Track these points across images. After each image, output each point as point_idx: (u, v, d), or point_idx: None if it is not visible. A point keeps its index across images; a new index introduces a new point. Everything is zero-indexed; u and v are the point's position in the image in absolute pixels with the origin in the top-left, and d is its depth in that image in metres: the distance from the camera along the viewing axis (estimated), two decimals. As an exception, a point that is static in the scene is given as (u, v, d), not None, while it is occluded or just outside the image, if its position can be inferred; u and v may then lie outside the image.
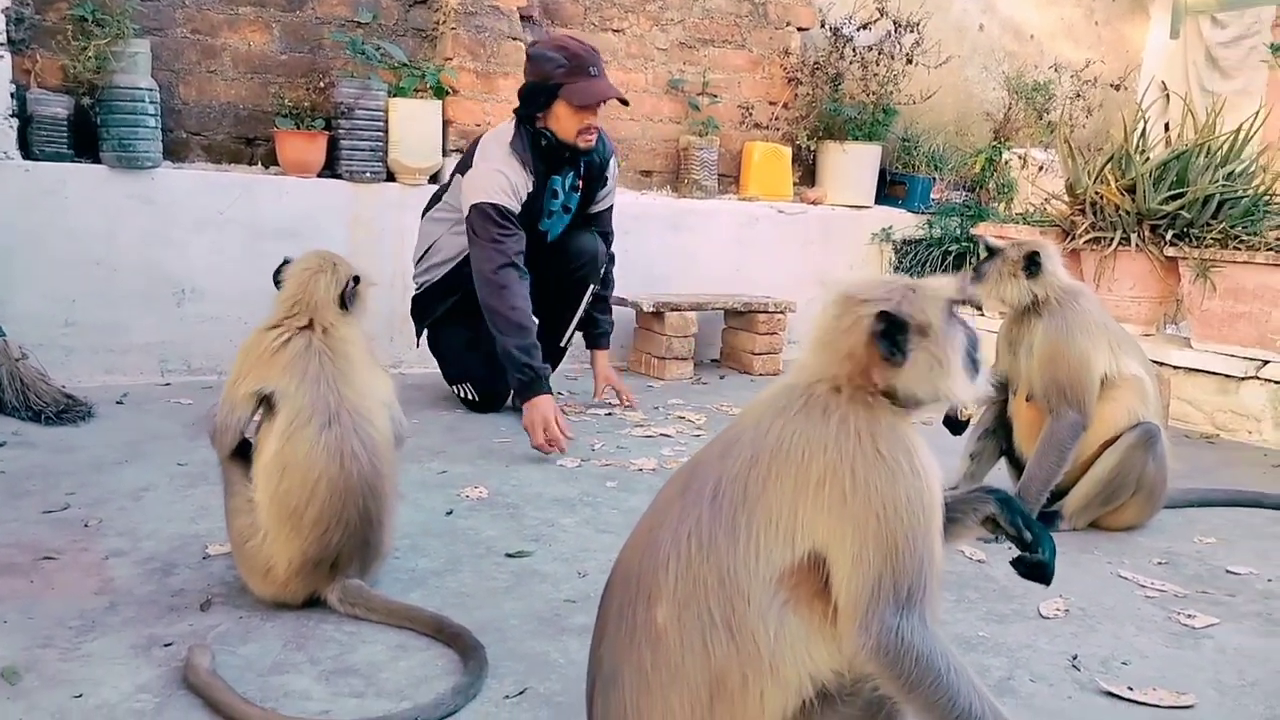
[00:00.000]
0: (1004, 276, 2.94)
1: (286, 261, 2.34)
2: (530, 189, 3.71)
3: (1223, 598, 2.52)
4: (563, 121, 3.66)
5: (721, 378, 5.06)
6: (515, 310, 3.57)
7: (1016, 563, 1.56)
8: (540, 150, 3.71)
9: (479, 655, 1.95)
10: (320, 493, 2.08)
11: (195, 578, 2.32)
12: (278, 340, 2.16)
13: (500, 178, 3.63)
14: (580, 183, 3.91)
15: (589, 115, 3.66)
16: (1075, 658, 2.14)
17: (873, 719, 1.35)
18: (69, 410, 3.56)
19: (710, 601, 1.29)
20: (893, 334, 1.35)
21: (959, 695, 1.29)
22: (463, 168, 3.81)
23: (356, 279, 2.30)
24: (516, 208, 3.66)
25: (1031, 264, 2.89)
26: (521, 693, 1.88)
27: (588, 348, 4.18)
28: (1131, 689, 1.99)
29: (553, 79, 3.61)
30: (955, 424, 3.09)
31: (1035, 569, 1.54)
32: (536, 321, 3.67)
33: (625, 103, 3.83)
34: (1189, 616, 2.37)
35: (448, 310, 3.94)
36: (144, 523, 2.64)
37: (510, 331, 3.55)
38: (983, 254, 3.06)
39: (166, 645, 1.99)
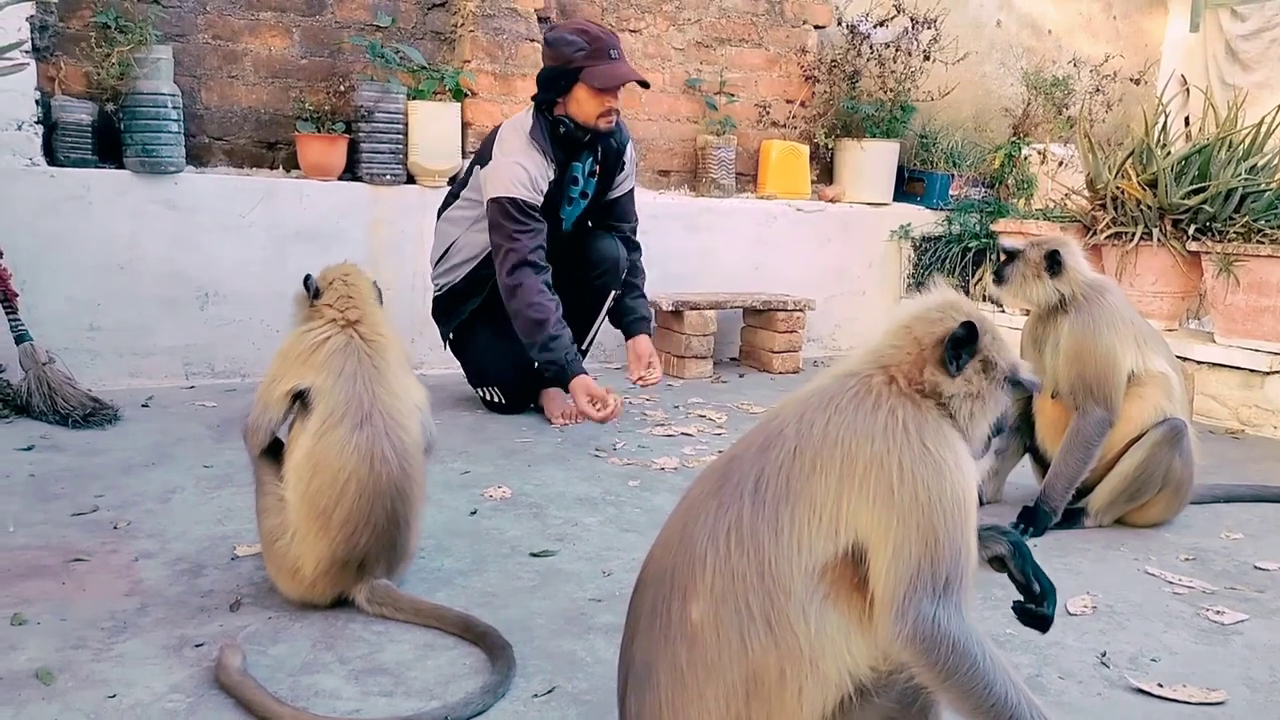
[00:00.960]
0: (1028, 278, 2.92)
1: (310, 277, 2.33)
2: (552, 177, 3.70)
3: (1251, 594, 2.51)
4: (583, 105, 3.64)
5: (741, 376, 5.06)
6: (532, 307, 3.58)
7: (1018, 609, 1.57)
8: (559, 138, 3.69)
9: (506, 654, 1.96)
10: (349, 493, 2.09)
11: (224, 579, 2.34)
12: (318, 337, 2.19)
13: (519, 170, 3.62)
14: (598, 168, 3.88)
15: (610, 98, 3.65)
16: (1104, 655, 2.13)
17: (906, 712, 1.35)
18: (95, 414, 3.60)
19: (749, 596, 1.29)
20: (962, 347, 1.42)
21: (994, 684, 1.30)
22: (481, 159, 3.79)
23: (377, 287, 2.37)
24: (538, 200, 3.65)
25: (1054, 263, 2.88)
26: (550, 691, 1.88)
27: (627, 338, 4.02)
28: (1161, 685, 1.98)
29: (573, 63, 3.60)
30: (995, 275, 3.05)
31: (1036, 619, 1.56)
32: (557, 301, 3.64)
33: (645, 85, 3.83)
34: (1218, 613, 2.36)
35: (472, 312, 3.93)
36: (172, 524, 2.66)
37: (529, 331, 3.59)
38: (1001, 257, 3.04)
39: (198, 646, 2.01)
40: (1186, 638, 2.24)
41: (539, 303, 3.60)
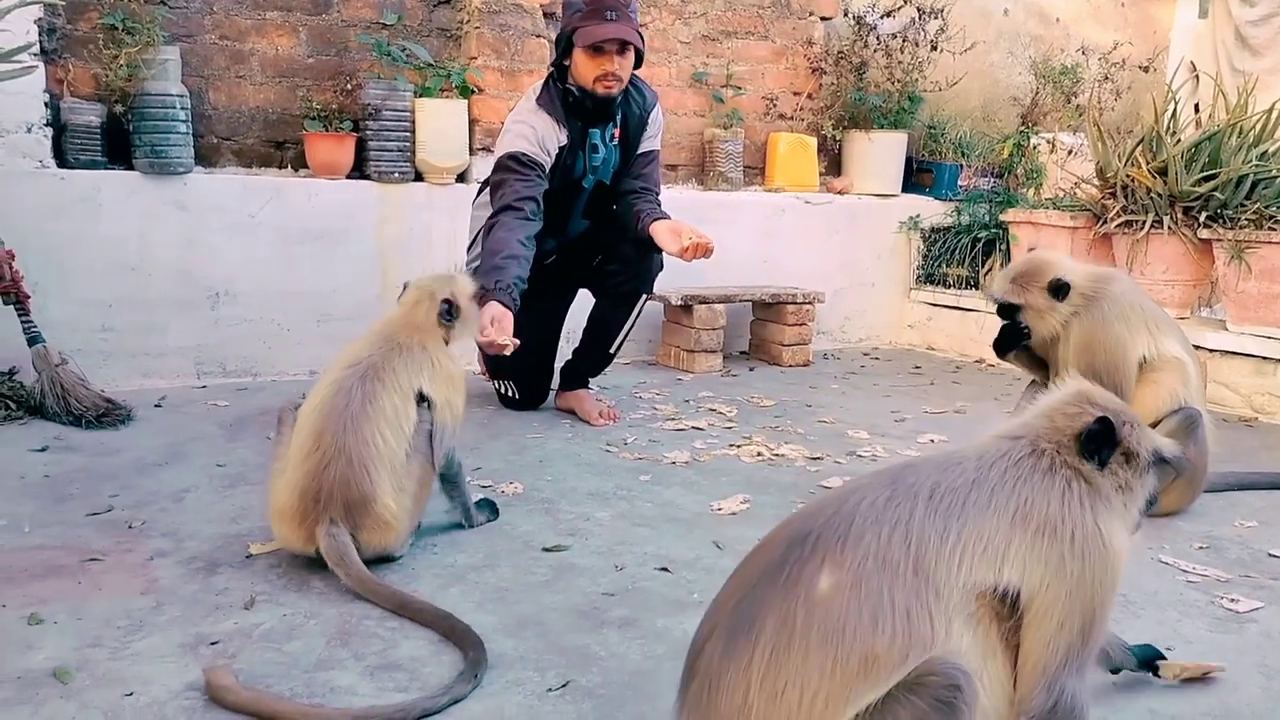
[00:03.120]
0: (1044, 317, 2.88)
1: (407, 285, 2.67)
2: (563, 141, 3.61)
3: (1266, 581, 2.50)
4: (581, 68, 3.56)
5: (751, 369, 5.06)
6: (494, 237, 3.41)
7: None
8: (570, 104, 3.63)
9: (446, 627, 2.08)
10: (311, 420, 2.34)
11: (239, 577, 2.35)
12: (358, 343, 2.51)
13: (525, 127, 3.57)
14: (617, 132, 3.79)
15: (604, 61, 3.51)
16: (1118, 643, 2.12)
17: None
18: (108, 414, 3.61)
19: (896, 586, 1.31)
20: (1101, 442, 1.46)
21: None
22: None
23: (448, 302, 2.57)
24: (543, 159, 3.55)
25: (1059, 290, 2.85)
26: (564, 685, 1.89)
27: (648, 232, 3.68)
28: (1177, 674, 1.98)
29: (570, 24, 3.54)
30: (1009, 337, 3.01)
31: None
32: (525, 248, 3.43)
33: (640, 51, 3.63)
34: (1232, 601, 2.35)
35: None
36: (186, 523, 2.67)
37: (482, 258, 3.44)
38: (1002, 318, 2.97)
39: (213, 643, 2.01)
40: (1201, 626, 2.23)
41: (505, 237, 3.40)
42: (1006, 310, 2.94)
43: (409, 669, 1.95)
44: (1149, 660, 1.95)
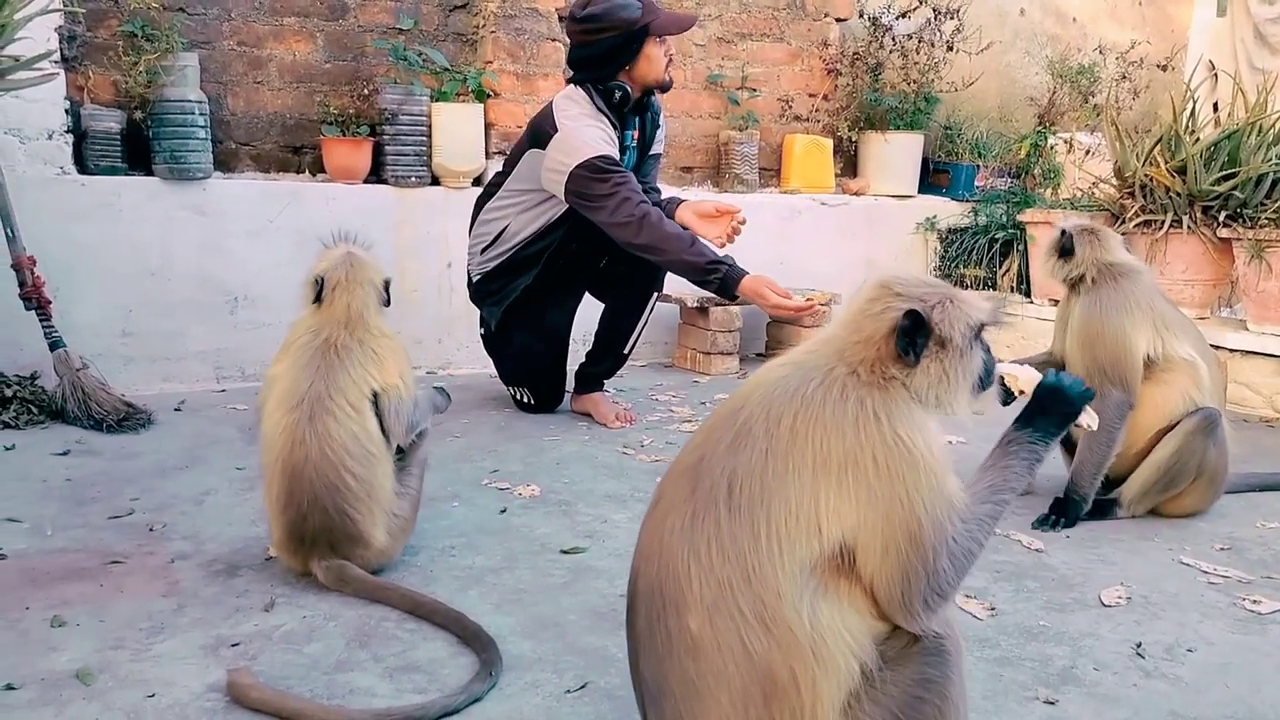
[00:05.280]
0: (1049, 257, 2.96)
1: (322, 281, 2.43)
2: (617, 142, 3.68)
3: (1288, 583, 2.48)
4: (654, 60, 3.64)
5: (768, 372, 5.04)
6: (666, 225, 3.51)
7: None
8: (615, 105, 3.67)
9: (461, 628, 2.08)
10: (277, 472, 2.28)
11: (258, 579, 2.36)
12: (300, 330, 2.40)
13: (596, 131, 3.59)
14: (637, 134, 3.86)
15: (668, 47, 3.70)
16: (1139, 645, 2.11)
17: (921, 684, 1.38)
18: (129, 418, 3.64)
19: (740, 601, 1.30)
20: (914, 334, 1.39)
21: (993, 528, 1.47)
22: (537, 142, 3.69)
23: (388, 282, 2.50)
24: (618, 155, 3.62)
25: (1064, 247, 2.91)
26: (583, 687, 1.89)
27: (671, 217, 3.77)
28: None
29: (638, 23, 3.57)
30: (1006, 393, 3.04)
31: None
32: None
33: (695, 19, 3.87)
34: (1254, 602, 2.34)
35: (510, 309, 3.84)
36: (206, 526, 2.69)
37: (674, 248, 3.49)
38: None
39: (234, 645, 2.03)
40: (1223, 628, 2.22)
41: (669, 223, 3.54)
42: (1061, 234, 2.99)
43: (428, 670, 1.95)
44: None
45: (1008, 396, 3.04)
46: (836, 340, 1.45)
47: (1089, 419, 1.65)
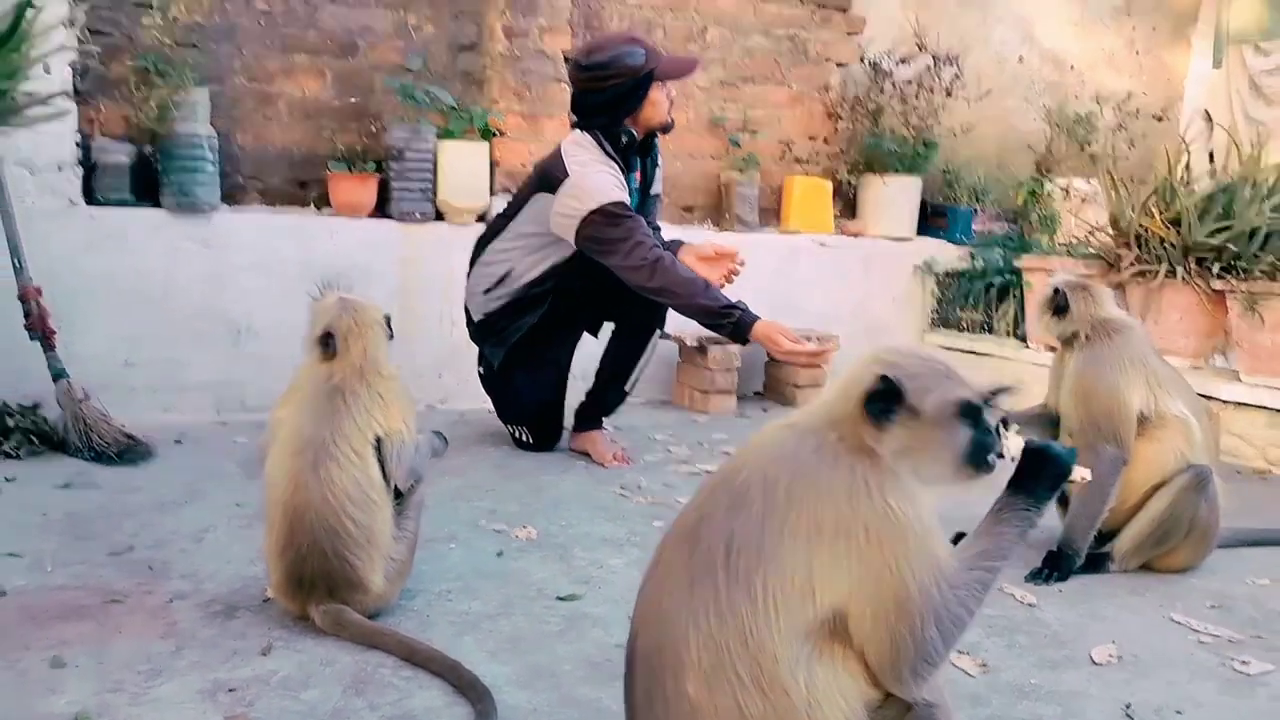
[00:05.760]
0: (1043, 314, 3.01)
1: (330, 336, 2.45)
2: (626, 186, 3.74)
3: (1278, 643, 2.50)
4: (658, 106, 3.74)
5: (764, 410, 5.09)
6: (678, 269, 3.57)
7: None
8: (622, 149, 3.75)
9: (457, 677, 2.09)
10: (278, 517, 2.30)
11: (256, 621, 2.38)
12: (305, 374, 2.44)
13: (608, 176, 3.65)
14: (639, 175, 3.93)
15: (671, 90, 3.80)
16: (1129, 706, 2.13)
17: None
18: (130, 451, 3.66)
19: (738, 665, 1.33)
20: (883, 400, 1.42)
21: (985, 596, 1.49)
22: (545, 186, 3.72)
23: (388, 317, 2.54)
24: (629, 200, 3.67)
25: (1057, 305, 2.94)
26: (577, 740, 1.91)
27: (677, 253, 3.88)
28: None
29: (643, 69, 3.65)
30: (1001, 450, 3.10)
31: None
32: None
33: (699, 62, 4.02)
34: (1243, 663, 2.36)
35: (511, 349, 3.90)
36: (205, 564, 2.71)
37: (687, 292, 3.54)
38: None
39: (231, 690, 2.04)
40: (1212, 689, 2.24)
41: (681, 267, 3.61)
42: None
43: (424, 720, 1.97)
44: None
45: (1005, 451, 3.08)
46: (829, 405, 1.49)
47: (1081, 473, 1.67)
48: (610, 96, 3.70)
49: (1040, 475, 1.58)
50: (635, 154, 3.82)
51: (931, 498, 1.43)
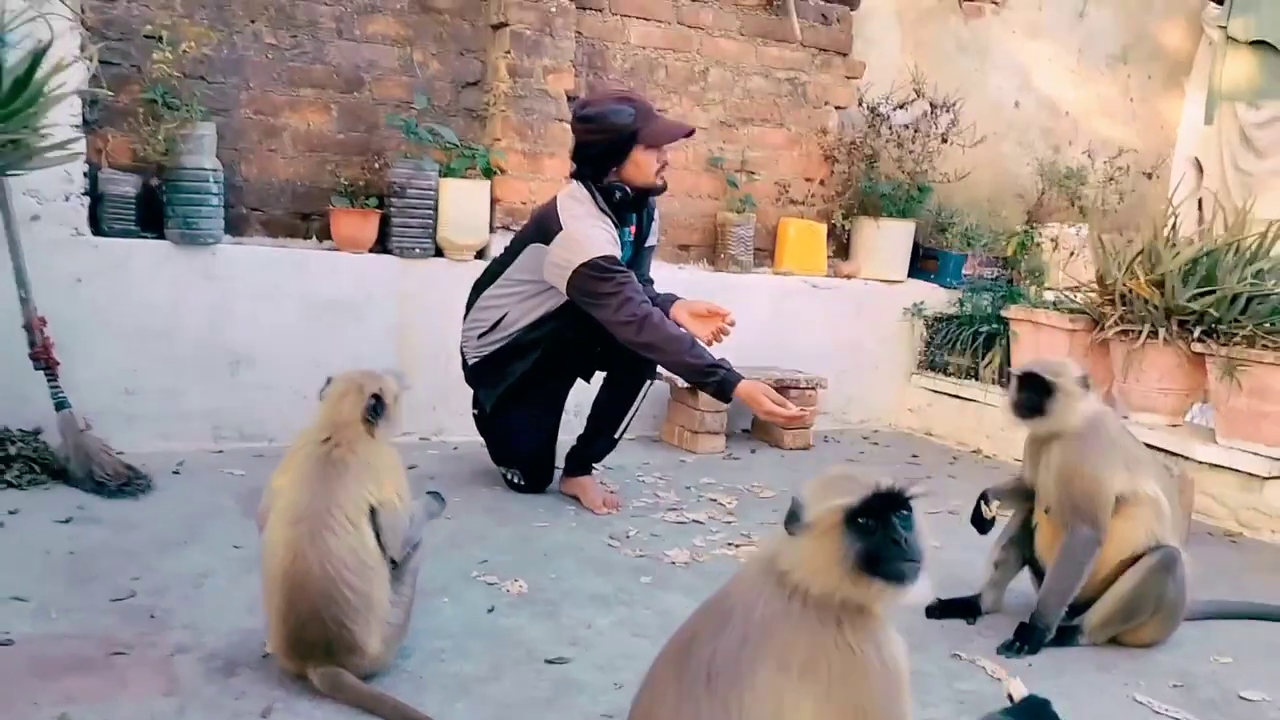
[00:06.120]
0: (1018, 416, 3.08)
1: (329, 381, 2.60)
2: (618, 241, 3.82)
3: (1235, 728, 2.61)
4: (642, 166, 3.78)
5: (753, 451, 5.18)
6: (666, 327, 3.67)
7: None
8: (613, 205, 3.82)
9: None
10: (275, 585, 2.39)
11: (256, 679, 2.46)
12: (301, 443, 2.50)
13: (601, 232, 3.73)
14: (634, 230, 4.02)
15: (662, 154, 3.83)
16: (1089, 795, 2.23)
17: None
18: (130, 483, 3.73)
19: None
20: (790, 519, 1.55)
21: None
22: (541, 236, 3.82)
23: (376, 396, 2.54)
24: (620, 255, 3.76)
25: (1033, 407, 3.02)
26: (563, 820, 2.00)
27: (674, 317, 3.95)
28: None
29: (628, 128, 3.73)
30: (981, 522, 3.21)
31: None
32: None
33: (692, 132, 3.97)
34: (1200, 750, 2.46)
35: (505, 393, 3.99)
36: (205, 615, 2.79)
37: (673, 349, 3.64)
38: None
39: (233, 756, 2.13)
40: (1170, 777, 2.34)
41: (669, 324, 3.71)
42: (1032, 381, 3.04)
43: (417, 793, 2.06)
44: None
45: (985, 526, 3.19)
46: (782, 548, 1.59)
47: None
48: (596, 151, 3.80)
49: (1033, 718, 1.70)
50: (631, 209, 3.90)
51: (901, 645, 1.52)
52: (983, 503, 3.22)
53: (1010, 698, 1.92)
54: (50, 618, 2.70)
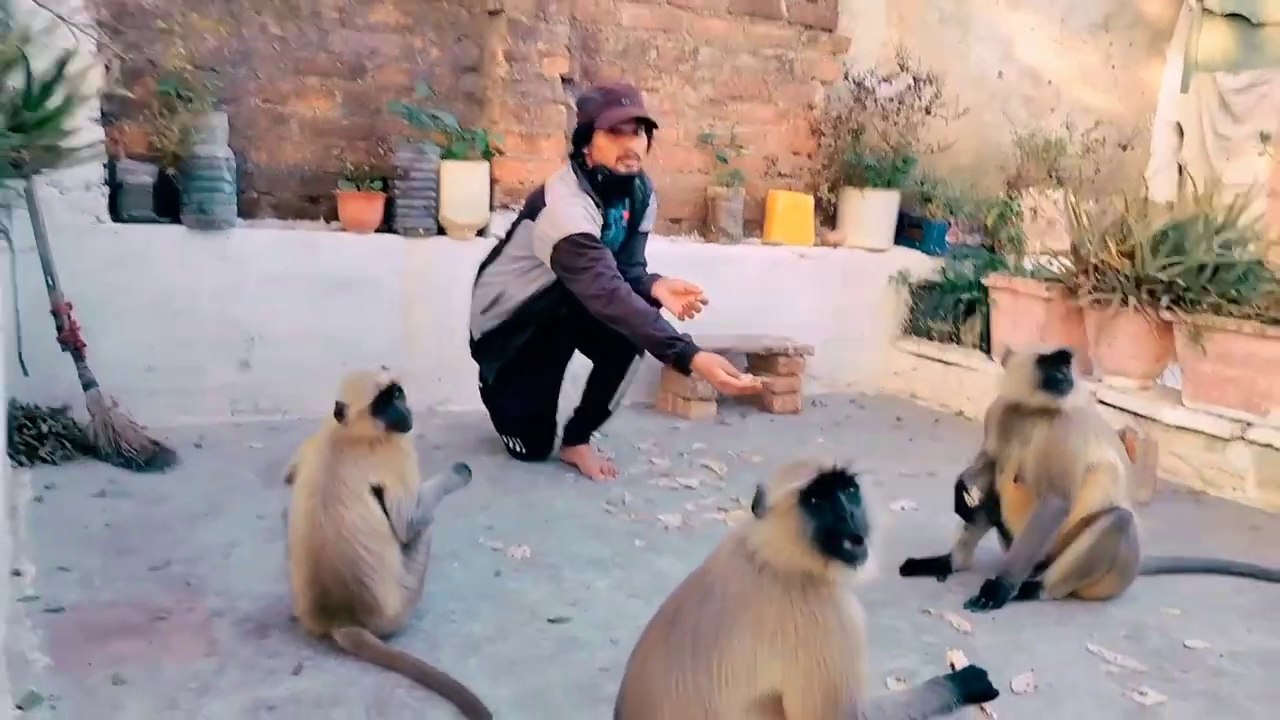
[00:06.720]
0: (1035, 389, 3.23)
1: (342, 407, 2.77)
2: (600, 221, 4.04)
3: (1176, 674, 2.86)
4: (604, 150, 3.99)
5: (743, 416, 5.43)
6: (632, 301, 3.88)
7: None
8: (597, 185, 4.04)
9: (463, 699, 2.43)
10: (299, 549, 2.65)
11: (286, 640, 2.71)
12: (324, 426, 2.74)
13: (578, 209, 3.96)
14: (626, 214, 4.23)
15: (625, 140, 3.97)
16: (1036, 735, 2.50)
17: None
18: (156, 457, 3.98)
19: None
20: (758, 503, 1.80)
21: None
22: (531, 214, 4.07)
23: (386, 390, 2.72)
24: (598, 232, 3.98)
25: (1057, 382, 3.19)
26: (566, 761, 2.27)
27: (652, 292, 4.18)
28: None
29: (591, 114, 3.99)
30: (966, 510, 3.45)
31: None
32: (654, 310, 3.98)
33: (653, 125, 4.06)
34: (1141, 694, 2.72)
35: (506, 366, 4.24)
36: (236, 581, 3.04)
37: (638, 322, 3.86)
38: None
39: (271, 709, 2.39)
40: (1112, 718, 2.60)
41: (637, 299, 3.91)
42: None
43: (436, 739, 2.32)
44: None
45: (970, 513, 3.43)
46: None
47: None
48: (575, 131, 4.10)
49: (969, 681, 1.99)
50: (616, 192, 4.10)
51: (858, 609, 1.77)
52: (964, 493, 3.44)
53: (952, 666, 2.17)
54: (94, 586, 2.96)
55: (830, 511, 1.73)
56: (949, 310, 5.99)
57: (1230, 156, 7.17)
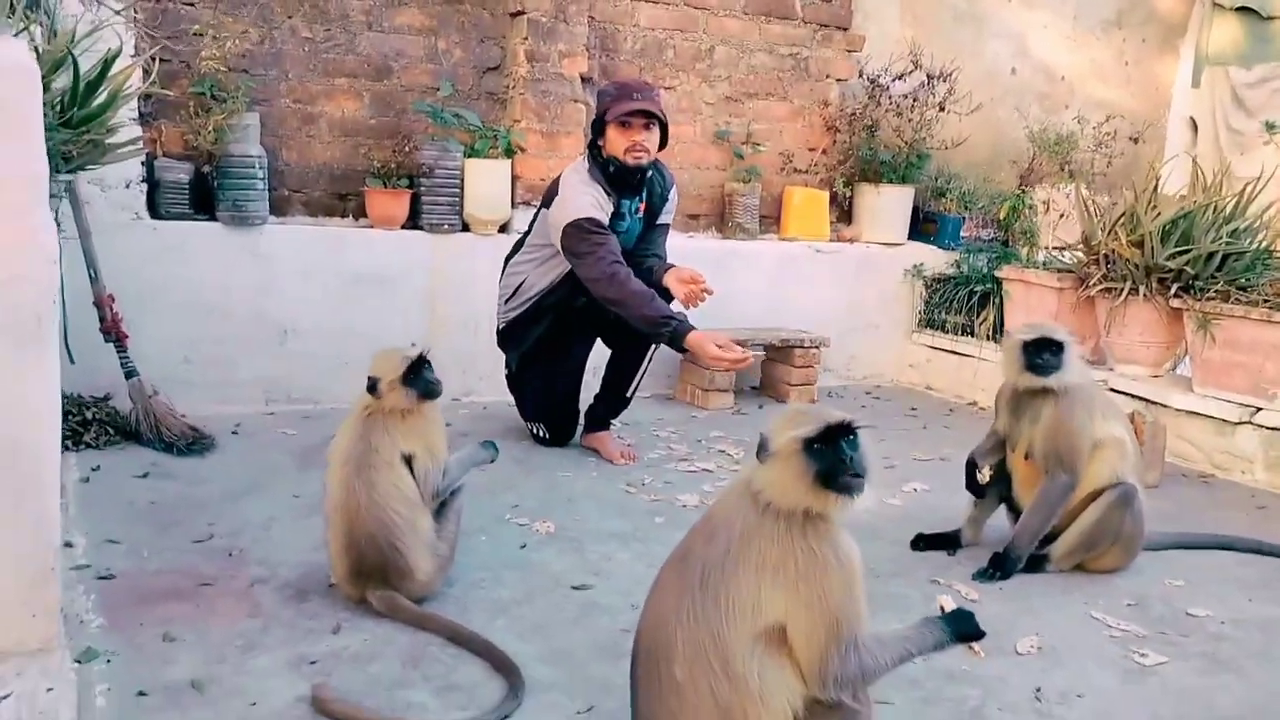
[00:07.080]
0: (1022, 371, 3.35)
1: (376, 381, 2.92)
2: (611, 210, 4.17)
3: (1176, 638, 2.97)
4: (613, 142, 4.13)
5: (760, 407, 5.55)
6: (631, 284, 3.99)
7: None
8: (610, 176, 4.17)
9: (492, 655, 2.57)
10: (337, 515, 2.79)
11: (324, 604, 2.86)
12: (357, 403, 2.90)
13: (586, 197, 4.09)
14: (642, 206, 4.36)
15: (633, 133, 4.10)
16: (1039, 690, 2.61)
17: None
18: (196, 442, 4.15)
19: (710, 657, 1.82)
20: (761, 448, 1.93)
21: (899, 664, 1.93)
22: (548, 203, 4.23)
23: (415, 362, 2.86)
24: (605, 219, 4.11)
25: (1046, 365, 3.30)
26: (589, 709, 2.40)
27: (662, 281, 4.28)
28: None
29: (603, 108, 4.15)
30: (977, 487, 3.57)
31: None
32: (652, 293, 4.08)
33: (662, 120, 4.15)
34: (1142, 655, 2.83)
35: (529, 353, 4.38)
36: (276, 552, 3.19)
37: (635, 303, 3.99)
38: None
39: (312, 663, 2.53)
40: (1112, 677, 2.71)
41: (636, 281, 4.02)
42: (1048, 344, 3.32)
43: (468, 690, 2.46)
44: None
45: (982, 490, 3.54)
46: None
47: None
48: (592, 123, 4.26)
49: (960, 621, 2.07)
50: (628, 183, 4.21)
51: (854, 546, 1.89)
52: (975, 469, 3.56)
53: (942, 609, 2.28)
54: (142, 556, 3.12)
55: (831, 455, 1.86)
56: (963, 303, 6.10)
57: (1244, 150, 7.24)
